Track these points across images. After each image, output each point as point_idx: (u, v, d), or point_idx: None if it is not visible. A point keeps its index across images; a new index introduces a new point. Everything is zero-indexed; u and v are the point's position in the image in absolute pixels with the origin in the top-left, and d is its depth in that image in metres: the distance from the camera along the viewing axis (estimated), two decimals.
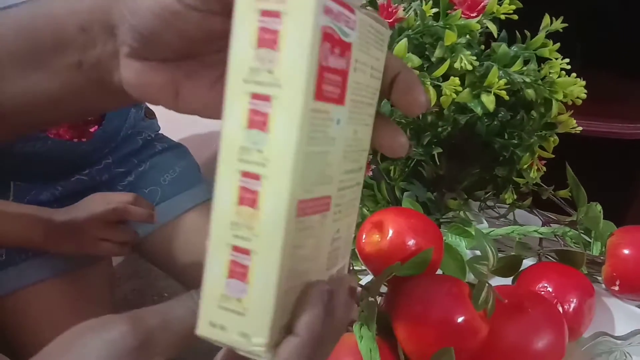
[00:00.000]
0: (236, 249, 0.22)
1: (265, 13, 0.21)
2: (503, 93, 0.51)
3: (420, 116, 0.63)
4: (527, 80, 0.50)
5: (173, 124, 0.97)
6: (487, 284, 0.44)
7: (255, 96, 0.21)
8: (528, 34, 0.60)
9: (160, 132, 0.91)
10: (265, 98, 0.21)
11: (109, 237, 0.67)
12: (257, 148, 0.21)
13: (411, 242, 0.52)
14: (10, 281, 0.72)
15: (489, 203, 0.74)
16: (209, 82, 0.27)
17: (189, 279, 0.84)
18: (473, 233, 0.59)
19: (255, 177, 0.21)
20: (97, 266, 0.78)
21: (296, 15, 0.20)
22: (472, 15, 0.54)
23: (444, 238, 0.56)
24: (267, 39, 0.21)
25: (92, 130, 0.73)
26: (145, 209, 0.69)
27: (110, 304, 0.82)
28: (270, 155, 0.21)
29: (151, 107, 0.92)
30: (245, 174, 0.21)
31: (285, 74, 0.21)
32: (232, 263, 0.22)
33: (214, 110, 0.27)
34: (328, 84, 0.22)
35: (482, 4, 0.55)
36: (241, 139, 0.21)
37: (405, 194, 0.70)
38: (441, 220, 0.68)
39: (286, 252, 0.21)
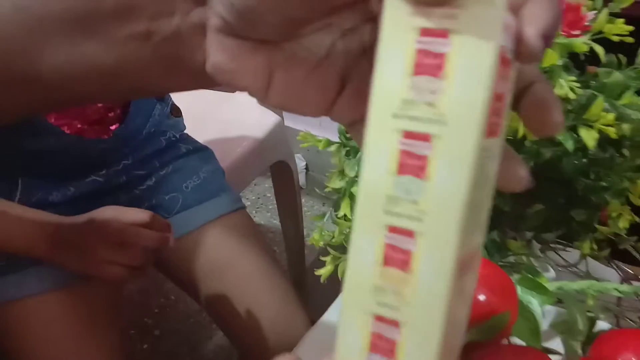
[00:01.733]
0: (380, 319, 0.19)
1: (427, 32, 0.18)
2: (611, 130, 0.42)
3: None
4: None
5: (198, 124, 0.89)
6: None
7: (409, 135, 0.18)
8: (624, 60, 0.51)
9: (185, 132, 0.83)
10: (424, 137, 0.18)
11: (118, 260, 0.59)
12: (410, 198, 0.18)
13: (483, 300, 0.43)
14: (10, 290, 0.64)
15: (553, 244, 0.65)
16: (305, 70, 0.23)
17: (202, 295, 0.76)
18: (549, 288, 0.50)
19: (408, 233, 0.18)
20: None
21: (473, 34, 0.17)
22: (573, 33, 0.45)
23: None
24: (429, 65, 0.18)
25: (112, 127, 0.65)
26: (158, 234, 0.61)
27: (115, 320, 0.74)
28: (428, 208, 0.18)
29: (178, 104, 0.84)
30: (394, 230, 0.19)
31: (454, 108, 0.17)
32: (375, 336, 0.19)
33: (303, 105, 0.24)
34: (493, 115, 0.19)
35: (585, 21, 0.46)
36: (389, 186, 0.19)
37: None
38: (500, 264, 0.60)
39: (444, 323, 0.18)
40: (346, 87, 0.24)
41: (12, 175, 0.64)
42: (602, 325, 0.53)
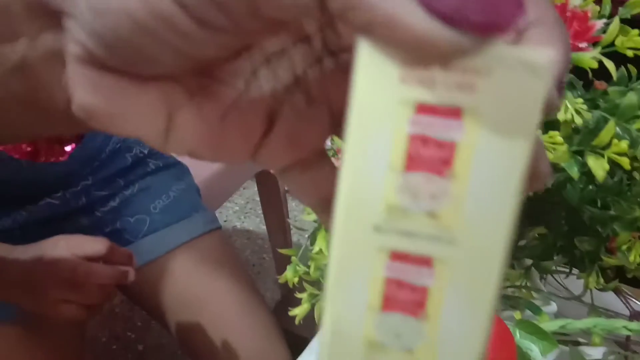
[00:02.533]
0: None
1: (426, 109, 0.12)
2: (625, 161, 0.36)
3: None
4: None
5: None
6: None
7: (398, 256, 0.13)
8: (634, 71, 0.45)
9: None
10: (423, 262, 0.13)
11: (73, 299, 0.53)
12: (400, 346, 0.13)
13: None
14: None
15: (554, 270, 0.60)
16: (219, 109, 0.17)
17: (173, 328, 0.70)
18: (551, 327, 0.45)
19: None
20: None
21: (500, 114, 0.11)
22: (580, 46, 0.39)
23: None
24: (429, 158, 0.12)
25: (67, 149, 0.59)
26: (114, 271, 0.55)
27: (78, 351, 0.68)
28: None
29: None
30: None
31: (466, 221, 0.12)
32: None
33: (220, 151, 0.18)
34: None
35: (593, 31, 0.40)
36: (370, 327, 0.13)
37: None
38: None
39: None
40: (275, 127, 0.18)
41: None
42: None
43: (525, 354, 0.42)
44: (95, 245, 0.54)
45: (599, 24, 0.40)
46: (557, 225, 0.50)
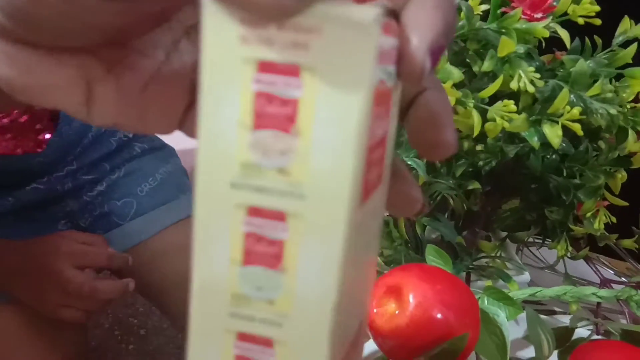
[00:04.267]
0: None
1: (268, 68, 0.13)
2: (577, 127, 0.37)
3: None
4: (612, 111, 0.36)
5: None
6: None
7: (255, 212, 0.13)
8: (599, 41, 0.46)
9: None
10: (277, 216, 0.13)
11: (73, 304, 0.56)
12: (263, 297, 0.14)
13: (439, 318, 0.39)
14: None
15: (530, 242, 0.61)
16: (139, 80, 0.18)
17: (165, 303, 0.72)
18: (521, 295, 0.46)
19: (265, 342, 0.14)
20: None
21: (334, 70, 0.12)
22: (535, 16, 0.40)
23: (478, 300, 0.44)
24: (275, 115, 0.13)
25: (43, 138, 0.60)
26: (117, 287, 0.58)
27: (80, 337, 0.70)
28: (288, 309, 0.14)
29: None
30: (244, 337, 0.14)
31: (313, 175, 0.13)
32: None
33: (144, 123, 0.19)
34: (374, 167, 0.14)
35: (549, 2, 0.41)
36: (234, 281, 0.14)
37: (428, 231, 0.57)
38: (471, 267, 0.55)
39: None
40: None
41: None
42: (581, 332, 0.49)
43: (492, 319, 0.43)
44: (97, 258, 0.57)
45: None
46: (527, 196, 0.51)
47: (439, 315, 0.39)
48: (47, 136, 0.60)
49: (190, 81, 0.19)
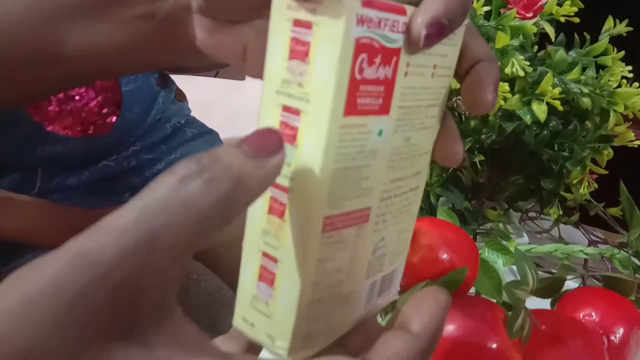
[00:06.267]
0: (266, 255, 0.22)
1: (298, 23, 0.20)
2: (557, 103, 0.46)
3: (463, 119, 0.59)
4: (585, 90, 0.46)
5: (206, 112, 0.94)
6: (523, 310, 0.40)
7: (286, 109, 0.21)
8: (587, 37, 0.55)
9: (191, 115, 0.88)
10: (295, 112, 0.21)
11: None
12: (286, 161, 0.21)
13: (444, 257, 0.48)
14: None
15: (531, 214, 0.69)
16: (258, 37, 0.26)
17: (219, 265, 0.82)
18: (512, 250, 0.55)
19: (283, 189, 0.21)
20: None
21: (326, 27, 0.19)
22: (527, 15, 0.50)
23: (480, 253, 0.53)
24: (299, 51, 0.20)
25: (110, 121, 0.71)
26: None
27: None
28: (297, 172, 0.21)
29: (187, 92, 0.90)
30: (275, 185, 0.21)
31: (314, 88, 0.20)
32: (262, 268, 0.23)
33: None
34: (365, 97, 0.21)
35: (540, 3, 0.50)
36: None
37: (441, 200, 0.66)
38: (478, 231, 0.64)
39: (310, 266, 0.21)
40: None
41: (30, 169, 0.70)
42: (570, 284, 0.58)
43: (491, 265, 0.52)
44: None
45: None
46: (525, 168, 0.60)
47: (445, 256, 0.48)
48: (114, 119, 0.71)
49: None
